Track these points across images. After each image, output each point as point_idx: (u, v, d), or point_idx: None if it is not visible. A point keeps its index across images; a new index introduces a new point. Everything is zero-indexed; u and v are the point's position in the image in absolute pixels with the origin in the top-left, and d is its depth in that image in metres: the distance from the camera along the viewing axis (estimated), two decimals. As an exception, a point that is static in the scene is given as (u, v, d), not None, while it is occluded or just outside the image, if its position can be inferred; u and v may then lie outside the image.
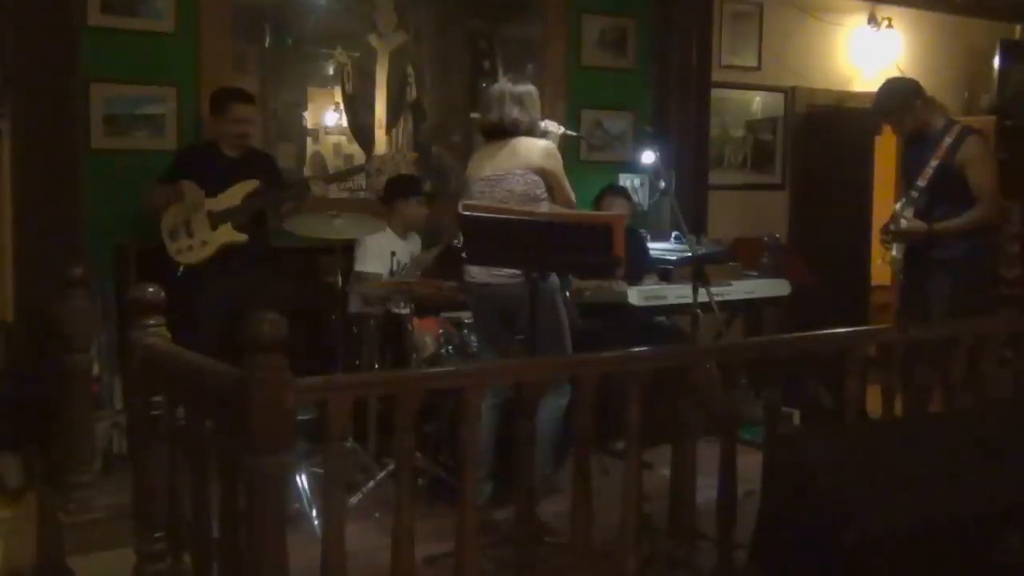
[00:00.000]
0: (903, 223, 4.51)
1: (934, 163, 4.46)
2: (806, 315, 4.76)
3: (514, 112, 3.87)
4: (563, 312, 3.93)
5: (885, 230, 4.63)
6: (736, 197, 6.68)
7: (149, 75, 4.83)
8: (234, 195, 4.51)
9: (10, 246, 4.04)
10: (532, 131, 3.90)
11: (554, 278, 3.84)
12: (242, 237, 4.50)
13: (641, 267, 4.97)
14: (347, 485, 3.73)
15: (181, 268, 4.42)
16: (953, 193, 4.44)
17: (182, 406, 2.74)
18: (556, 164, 3.87)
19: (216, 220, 4.46)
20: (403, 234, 4.90)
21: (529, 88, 3.95)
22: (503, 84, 3.99)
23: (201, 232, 4.45)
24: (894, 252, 4.58)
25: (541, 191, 3.85)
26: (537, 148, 3.86)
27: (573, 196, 3.95)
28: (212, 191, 4.48)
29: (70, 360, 3.71)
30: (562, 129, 4.06)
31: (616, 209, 5.01)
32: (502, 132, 3.89)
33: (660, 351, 3.33)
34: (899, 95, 4.60)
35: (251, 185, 4.53)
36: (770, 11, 6.67)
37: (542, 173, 3.84)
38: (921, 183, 4.49)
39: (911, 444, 2.48)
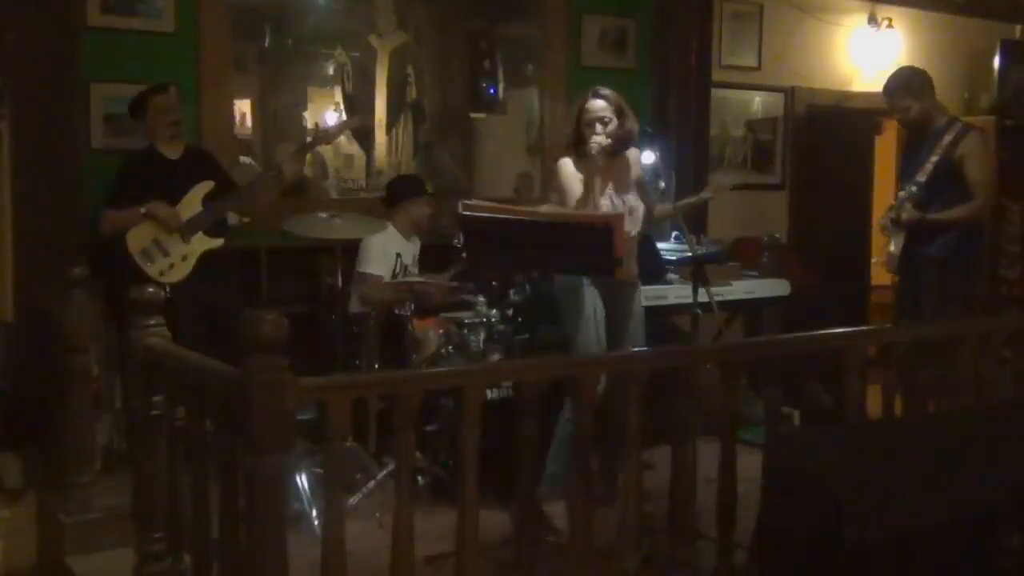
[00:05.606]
0: (903, 215, 4.53)
1: (933, 159, 4.50)
2: (806, 315, 4.76)
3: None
4: None
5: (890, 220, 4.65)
6: (736, 197, 6.66)
7: (149, 75, 4.82)
8: (193, 201, 4.35)
9: (10, 246, 4.04)
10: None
11: None
12: (218, 242, 4.36)
13: (658, 271, 4.99)
14: (347, 485, 3.74)
15: (167, 288, 4.14)
16: (950, 189, 4.48)
17: (182, 406, 2.74)
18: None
19: (186, 231, 4.31)
20: (407, 235, 4.88)
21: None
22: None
23: (176, 248, 4.28)
24: (891, 248, 4.59)
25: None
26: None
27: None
28: (169, 200, 4.31)
29: (70, 360, 3.71)
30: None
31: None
32: None
33: (660, 351, 3.33)
34: (909, 81, 4.64)
35: (207, 187, 4.38)
36: (770, 11, 6.66)
37: None
38: (920, 178, 4.52)
39: (911, 444, 2.49)
